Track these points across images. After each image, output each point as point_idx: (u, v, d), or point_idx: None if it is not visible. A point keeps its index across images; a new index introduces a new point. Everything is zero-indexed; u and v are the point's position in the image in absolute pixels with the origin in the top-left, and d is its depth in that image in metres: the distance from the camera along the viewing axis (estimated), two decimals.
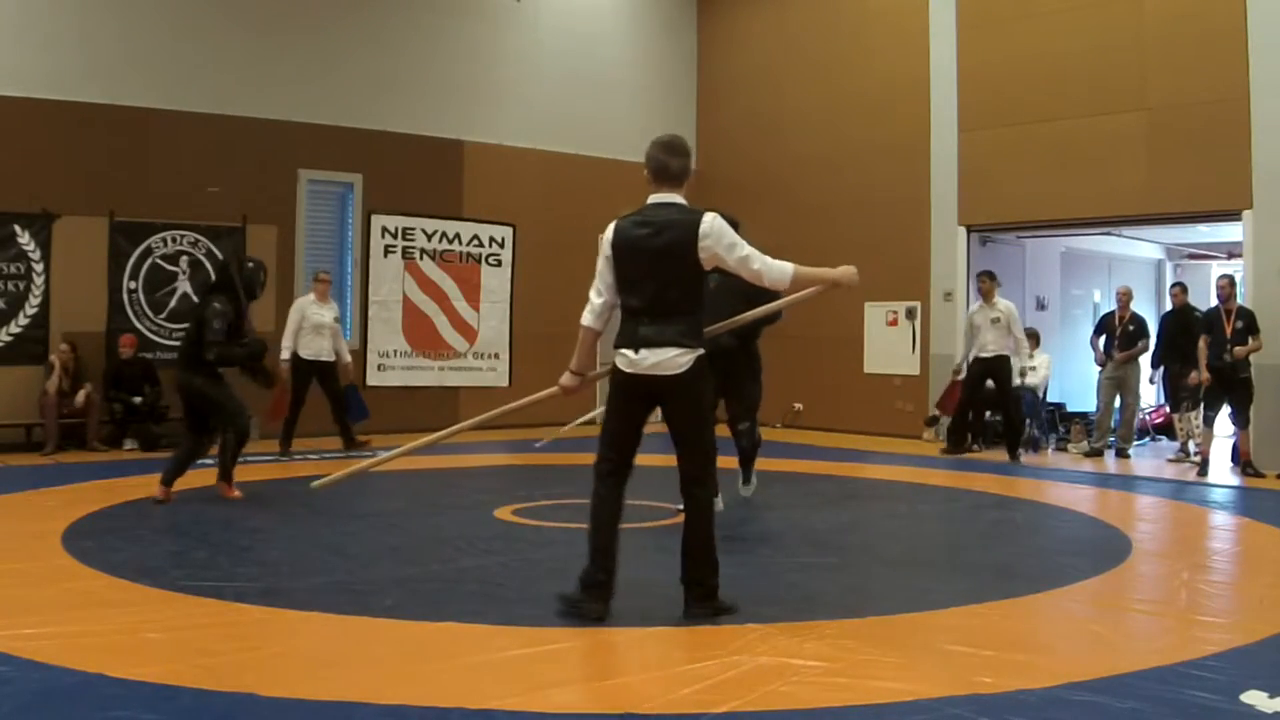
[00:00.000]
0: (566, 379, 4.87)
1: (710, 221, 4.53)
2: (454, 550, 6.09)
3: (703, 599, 4.64)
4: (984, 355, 11.25)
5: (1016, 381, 11.35)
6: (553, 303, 13.76)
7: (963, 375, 11.64)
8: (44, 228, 10.95)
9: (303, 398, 10.69)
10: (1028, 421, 12.01)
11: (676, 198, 4.63)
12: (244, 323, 7.73)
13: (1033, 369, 12.01)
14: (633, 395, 4.62)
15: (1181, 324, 11.25)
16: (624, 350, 4.56)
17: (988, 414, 12.07)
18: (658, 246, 4.51)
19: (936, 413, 12.36)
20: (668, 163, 4.61)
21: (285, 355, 10.49)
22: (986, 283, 11.42)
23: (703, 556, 4.66)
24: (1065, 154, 11.95)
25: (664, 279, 4.52)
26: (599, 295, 4.66)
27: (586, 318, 4.68)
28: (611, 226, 4.62)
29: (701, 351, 4.59)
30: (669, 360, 4.50)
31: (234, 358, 7.66)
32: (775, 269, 4.63)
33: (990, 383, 11.38)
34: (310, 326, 10.67)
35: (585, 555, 4.62)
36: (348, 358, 11.31)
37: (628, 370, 4.56)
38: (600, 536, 4.62)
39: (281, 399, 10.43)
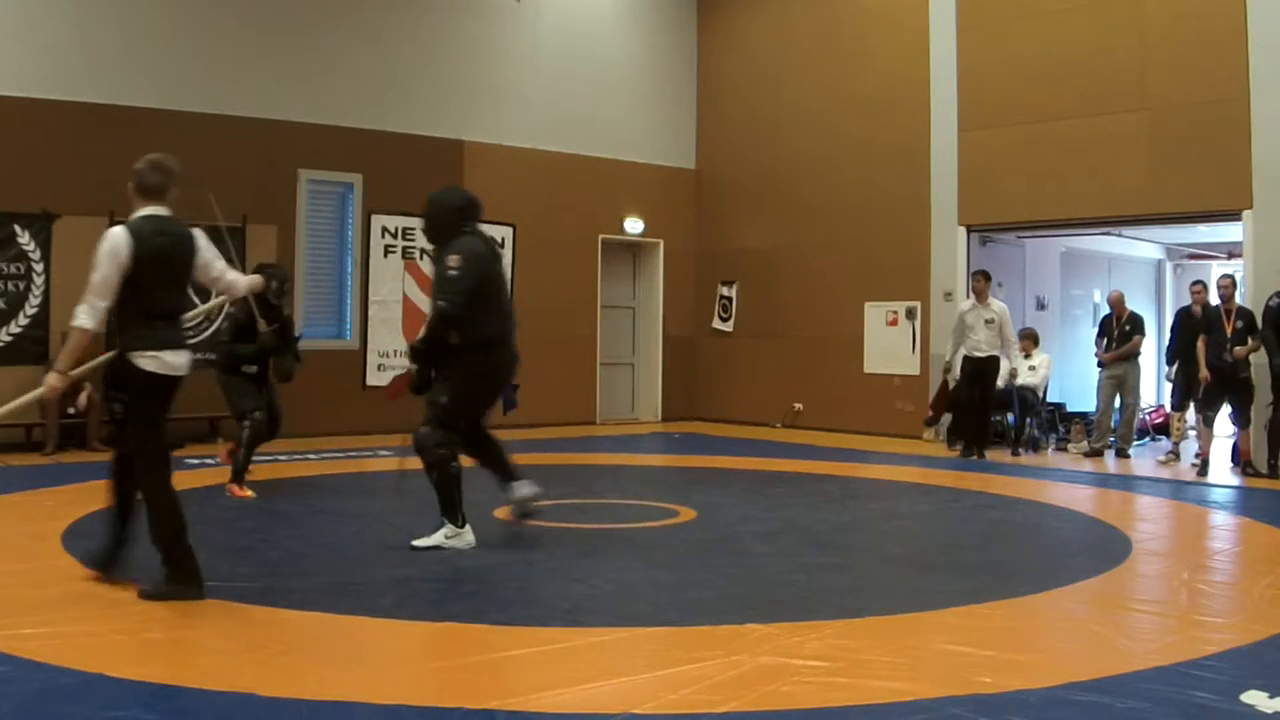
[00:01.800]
0: (57, 380, 4.88)
1: (200, 234, 5.09)
2: (454, 550, 6.09)
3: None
4: (977, 355, 11.27)
5: (1003, 383, 11.44)
6: (553, 303, 13.78)
7: (954, 374, 11.69)
8: (44, 228, 10.93)
9: None
10: (1028, 421, 12.04)
11: (166, 211, 4.98)
12: (255, 324, 8.02)
13: (1031, 369, 12.05)
14: (162, 393, 4.91)
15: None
16: (153, 352, 4.82)
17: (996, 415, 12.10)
18: (180, 255, 4.97)
19: (932, 413, 12.39)
20: (151, 179, 4.96)
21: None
22: (981, 282, 11.41)
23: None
24: (1065, 154, 11.95)
25: (182, 285, 5.04)
26: (104, 299, 4.76)
27: (88, 321, 4.75)
28: (126, 235, 4.76)
29: None
30: (188, 361, 4.98)
31: (239, 355, 8.14)
32: (243, 281, 5.51)
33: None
34: None
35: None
36: None
37: (159, 371, 4.84)
38: (184, 535, 4.88)
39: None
